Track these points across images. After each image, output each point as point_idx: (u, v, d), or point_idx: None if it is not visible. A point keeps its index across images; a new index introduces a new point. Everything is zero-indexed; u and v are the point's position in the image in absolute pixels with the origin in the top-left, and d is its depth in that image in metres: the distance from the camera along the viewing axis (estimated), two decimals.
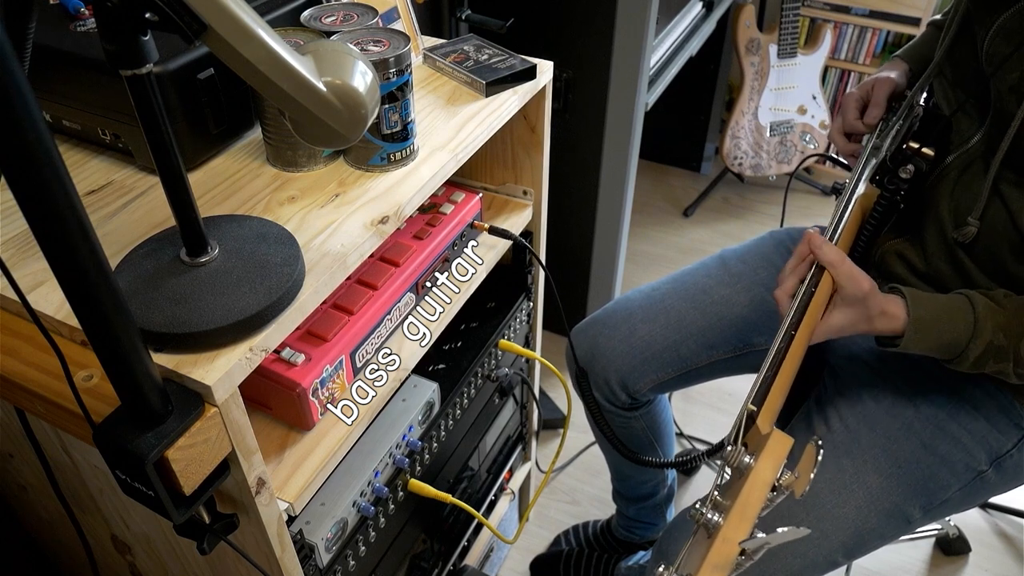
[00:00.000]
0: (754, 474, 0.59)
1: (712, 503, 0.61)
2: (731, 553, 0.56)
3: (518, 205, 1.05)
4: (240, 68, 0.48)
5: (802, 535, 0.53)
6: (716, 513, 0.59)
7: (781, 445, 0.60)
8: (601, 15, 1.37)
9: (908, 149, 0.86)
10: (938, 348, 0.79)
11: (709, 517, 0.59)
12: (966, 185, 0.83)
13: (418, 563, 1.05)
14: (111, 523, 0.85)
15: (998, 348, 0.77)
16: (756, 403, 0.69)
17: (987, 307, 0.77)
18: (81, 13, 0.76)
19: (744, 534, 0.57)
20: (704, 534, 0.60)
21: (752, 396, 0.71)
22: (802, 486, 0.56)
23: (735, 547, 0.56)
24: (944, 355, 0.79)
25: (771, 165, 2.31)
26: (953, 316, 0.78)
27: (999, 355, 0.77)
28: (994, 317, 0.77)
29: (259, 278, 0.58)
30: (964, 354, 0.78)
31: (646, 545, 1.43)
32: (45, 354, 0.58)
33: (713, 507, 0.60)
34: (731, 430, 0.69)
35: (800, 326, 0.75)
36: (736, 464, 0.62)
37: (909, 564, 1.49)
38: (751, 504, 0.58)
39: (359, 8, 0.79)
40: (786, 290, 0.82)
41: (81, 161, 0.77)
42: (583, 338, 1.12)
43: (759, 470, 0.59)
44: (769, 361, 0.74)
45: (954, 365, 0.80)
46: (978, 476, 0.87)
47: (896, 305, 0.78)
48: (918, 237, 0.89)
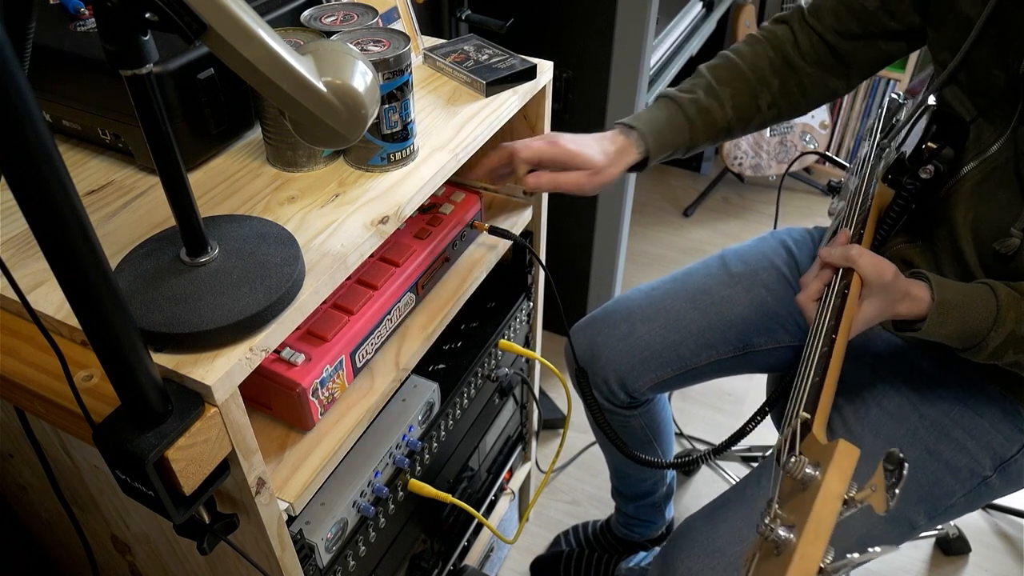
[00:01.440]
0: (824, 488, 0.55)
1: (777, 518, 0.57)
2: (811, 571, 0.52)
3: (518, 205, 1.05)
4: (240, 68, 0.48)
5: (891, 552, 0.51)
6: (786, 529, 0.55)
7: (849, 457, 0.57)
8: (601, 15, 1.37)
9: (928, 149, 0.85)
10: (959, 335, 0.77)
11: (780, 534, 0.55)
12: (989, 194, 0.81)
13: (418, 563, 1.05)
14: (111, 523, 0.85)
15: (1019, 338, 0.76)
16: (808, 409, 0.66)
17: (1009, 295, 0.76)
18: (81, 13, 0.76)
19: (820, 551, 0.53)
20: (771, 550, 0.56)
21: (803, 402, 0.68)
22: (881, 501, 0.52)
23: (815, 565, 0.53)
24: (963, 343, 0.78)
25: (771, 165, 2.31)
26: (975, 302, 0.76)
27: (1019, 345, 0.76)
28: (1017, 306, 0.76)
29: (259, 278, 0.58)
30: (984, 342, 0.76)
31: (646, 544, 1.43)
32: (45, 354, 0.58)
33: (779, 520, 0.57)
34: (783, 439, 0.66)
35: (839, 328, 0.74)
36: (800, 476, 0.58)
37: (909, 564, 1.49)
38: (824, 519, 0.54)
39: (359, 8, 0.79)
40: (810, 295, 0.80)
41: (81, 161, 0.77)
42: (583, 337, 1.12)
43: (828, 483, 0.55)
44: (814, 366, 0.71)
45: (971, 355, 0.79)
46: (983, 482, 0.86)
47: (920, 288, 0.77)
48: (928, 244, 0.89)
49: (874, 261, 0.76)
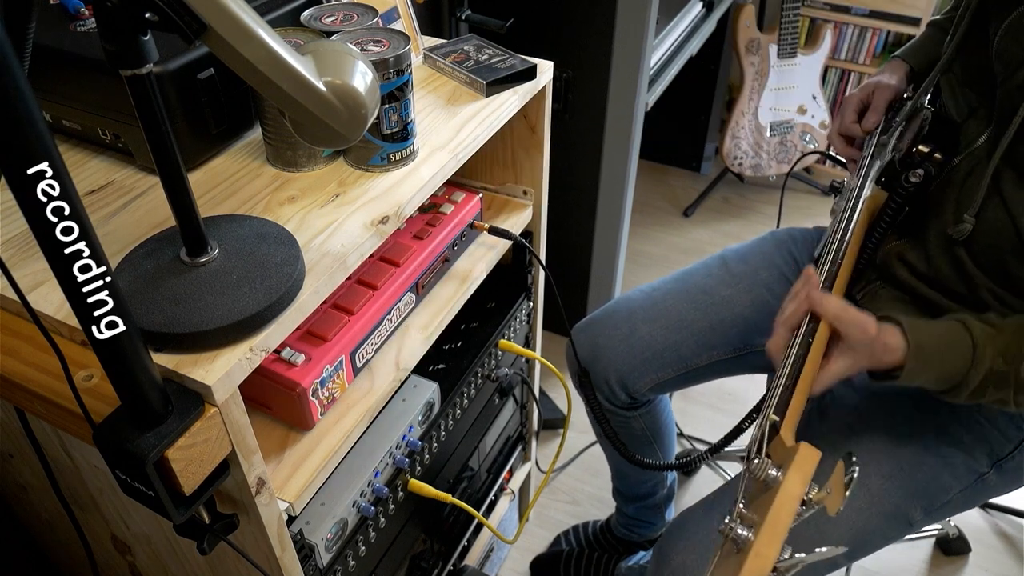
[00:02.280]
0: (783, 489, 0.57)
1: (740, 517, 0.59)
2: (765, 570, 0.54)
3: (518, 205, 1.05)
4: (240, 68, 0.48)
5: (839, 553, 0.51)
6: (746, 528, 0.57)
7: (810, 459, 0.58)
8: (601, 15, 1.37)
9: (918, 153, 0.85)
10: (937, 378, 0.75)
11: (739, 532, 0.57)
12: (970, 186, 0.82)
13: (418, 563, 1.05)
14: (111, 523, 0.85)
15: (998, 374, 0.74)
16: (778, 412, 0.67)
17: (983, 332, 0.74)
18: (81, 13, 0.75)
19: (776, 550, 0.55)
20: (732, 548, 0.58)
21: (774, 405, 0.68)
22: (835, 503, 0.54)
23: (769, 563, 0.54)
24: (942, 385, 0.76)
25: (771, 165, 2.31)
26: (951, 342, 0.75)
27: (999, 382, 0.74)
28: (993, 342, 0.74)
29: (259, 278, 0.58)
30: (964, 383, 0.74)
31: (646, 544, 1.43)
32: (45, 354, 0.58)
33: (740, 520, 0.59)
34: (753, 440, 0.67)
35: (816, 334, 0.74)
36: (763, 477, 0.60)
37: (909, 564, 1.49)
38: (782, 519, 0.56)
39: (359, 8, 0.79)
40: (777, 343, 0.78)
41: (81, 161, 0.77)
42: (584, 338, 1.12)
43: (788, 484, 0.57)
44: (788, 368, 0.71)
45: (950, 396, 0.77)
46: (979, 478, 0.87)
47: (894, 336, 0.75)
48: (920, 238, 0.89)
49: (856, 320, 0.74)
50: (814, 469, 0.58)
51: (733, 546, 0.58)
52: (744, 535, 0.57)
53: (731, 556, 0.58)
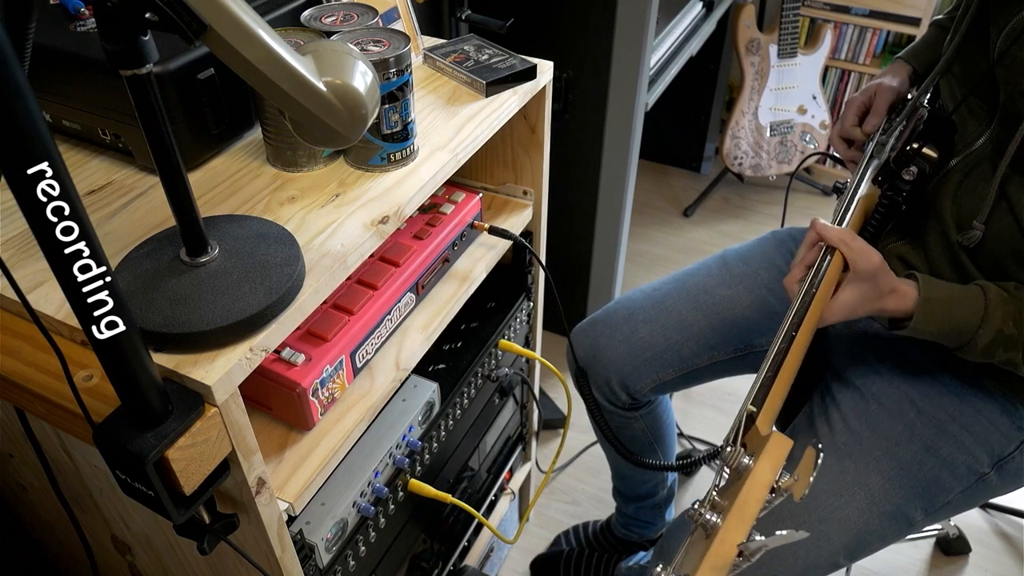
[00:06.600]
0: (753, 476, 0.59)
1: (710, 503, 0.61)
2: (729, 554, 0.56)
3: (518, 205, 1.05)
4: (240, 68, 0.48)
5: (800, 538, 0.53)
6: (714, 514, 0.60)
7: (780, 447, 0.61)
8: (601, 15, 1.37)
9: (911, 151, 0.86)
10: (948, 332, 0.79)
11: (708, 518, 0.59)
12: (971, 188, 0.82)
13: (418, 563, 1.05)
14: (111, 523, 0.85)
15: (1007, 337, 0.77)
16: (756, 404, 0.69)
17: (998, 295, 0.78)
18: (81, 13, 0.75)
19: (743, 535, 0.57)
20: (702, 534, 0.60)
21: (751, 397, 0.71)
22: (801, 489, 0.56)
23: (733, 548, 0.56)
24: (953, 342, 0.80)
25: (771, 165, 2.31)
26: (963, 301, 0.78)
27: (1008, 344, 0.78)
28: (1004, 306, 0.77)
29: (259, 278, 0.58)
30: (973, 341, 0.78)
31: (646, 545, 1.43)
32: (45, 354, 0.58)
33: (711, 507, 0.61)
34: (730, 431, 0.69)
35: (800, 327, 0.75)
36: (735, 465, 0.62)
37: (909, 564, 1.49)
38: (749, 505, 0.58)
39: (359, 8, 0.79)
40: (794, 277, 0.82)
41: (81, 161, 0.77)
42: (584, 338, 1.12)
43: (758, 472, 0.59)
44: (769, 362, 0.73)
45: (963, 353, 0.80)
46: (980, 479, 0.87)
47: (907, 285, 0.79)
48: (920, 240, 0.89)
49: (861, 247, 0.78)
50: (785, 457, 0.61)
51: (703, 532, 0.60)
52: (713, 520, 0.59)
53: (700, 541, 0.60)
